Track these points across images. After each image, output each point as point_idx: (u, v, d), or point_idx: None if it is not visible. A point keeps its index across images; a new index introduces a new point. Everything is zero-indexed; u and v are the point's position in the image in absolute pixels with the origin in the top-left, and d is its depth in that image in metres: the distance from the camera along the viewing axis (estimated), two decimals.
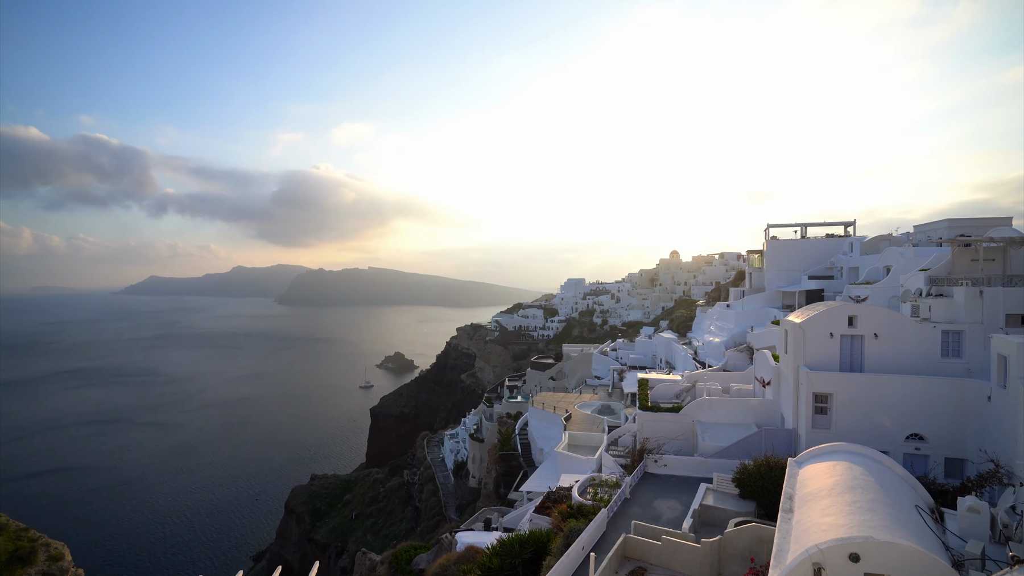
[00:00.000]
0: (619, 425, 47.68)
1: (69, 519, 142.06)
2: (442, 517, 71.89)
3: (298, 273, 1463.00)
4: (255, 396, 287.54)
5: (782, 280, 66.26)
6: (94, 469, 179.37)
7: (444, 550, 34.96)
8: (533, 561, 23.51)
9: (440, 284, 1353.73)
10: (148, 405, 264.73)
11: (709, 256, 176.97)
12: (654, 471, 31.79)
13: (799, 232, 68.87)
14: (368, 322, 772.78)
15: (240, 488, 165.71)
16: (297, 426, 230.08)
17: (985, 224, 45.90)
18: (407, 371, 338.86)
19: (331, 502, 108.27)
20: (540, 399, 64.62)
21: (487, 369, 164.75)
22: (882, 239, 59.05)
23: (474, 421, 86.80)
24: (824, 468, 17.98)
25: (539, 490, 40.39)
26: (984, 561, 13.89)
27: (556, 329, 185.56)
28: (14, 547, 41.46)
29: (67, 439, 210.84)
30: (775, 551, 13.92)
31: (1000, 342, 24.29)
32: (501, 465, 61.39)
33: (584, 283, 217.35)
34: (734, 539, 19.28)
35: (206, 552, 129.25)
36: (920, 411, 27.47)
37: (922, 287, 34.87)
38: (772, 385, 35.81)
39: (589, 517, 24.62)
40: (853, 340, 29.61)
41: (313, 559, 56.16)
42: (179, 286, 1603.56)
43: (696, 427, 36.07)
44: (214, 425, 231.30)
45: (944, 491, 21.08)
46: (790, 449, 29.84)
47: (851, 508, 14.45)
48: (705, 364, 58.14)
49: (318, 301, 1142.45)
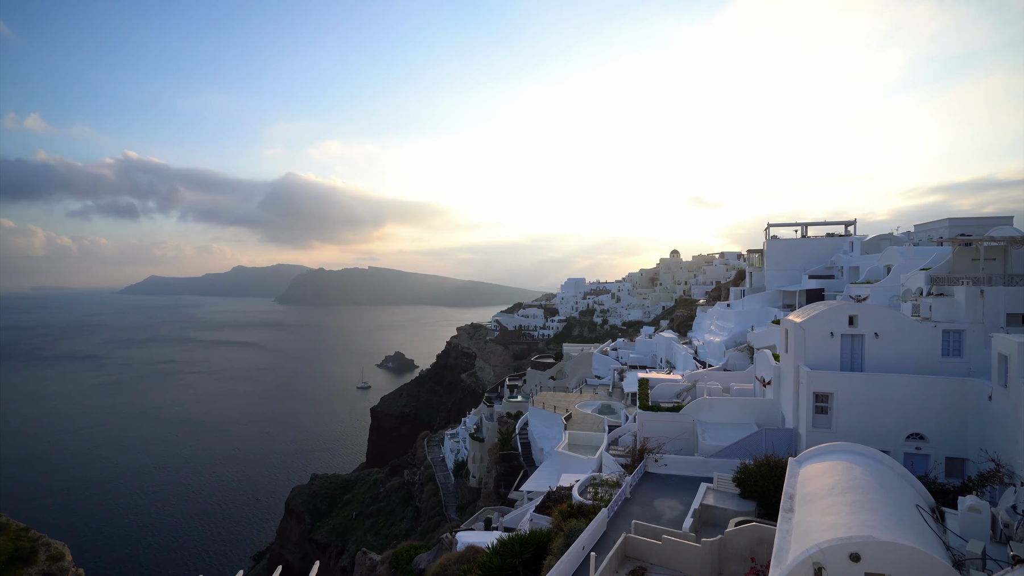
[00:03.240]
0: (619, 425, 47.69)
1: (69, 519, 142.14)
2: (442, 517, 71.89)
3: (298, 273, 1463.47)
4: (255, 396, 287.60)
5: (783, 279, 66.21)
6: (94, 469, 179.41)
7: (444, 550, 34.96)
8: (533, 561, 23.50)
9: (440, 284, 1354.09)
10: (148, 405, 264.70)
11: (709, 255, 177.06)
12: (654, 471, 31.75)
13: (799, 231, 68.85)
14: (368, 322, 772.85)
15: (240, 488, 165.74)
16: (297, 426, 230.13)
17: (986, 223, 45.84)
18: (407, 371, 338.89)
19: (331, 502, 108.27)
20: (540, 399, 64.64)
21: (487, 369, 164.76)
22: (883, 238, 59.05)
23: (474, 421, 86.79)
24: (824, 468, 17.95)
25: (539, 490, 40.41)
26: (985, 561, 13.87)
27: (556, 329, 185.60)
28: (14, 547, 41.47)
29: (67, 439, 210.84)
30: (776, 551, 13.89)
31: (1001, 341, 24.26)
32: (501, 465, 61.41)
33: (584, 283, 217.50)
34: (734, 539, 19.26)
35: (206, 552, 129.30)
36: (921, 411, 27.43)
37: (923, 286, 34.84)
38: (772, 385, 35.80)
39: (589, 517, 24.59)
40: (854, 339, 29.57)
41: (313, 559, 56.13)
42: (179, 286, 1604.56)
43: (696, 427, 36.04)
44: (214, 425, 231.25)
45: (945, 491, 21.03)
46: (790, 449, 29.81)
47: (852, 508, 14.43)
48: (705, 364, 58.15)
49: (318, 301, 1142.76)
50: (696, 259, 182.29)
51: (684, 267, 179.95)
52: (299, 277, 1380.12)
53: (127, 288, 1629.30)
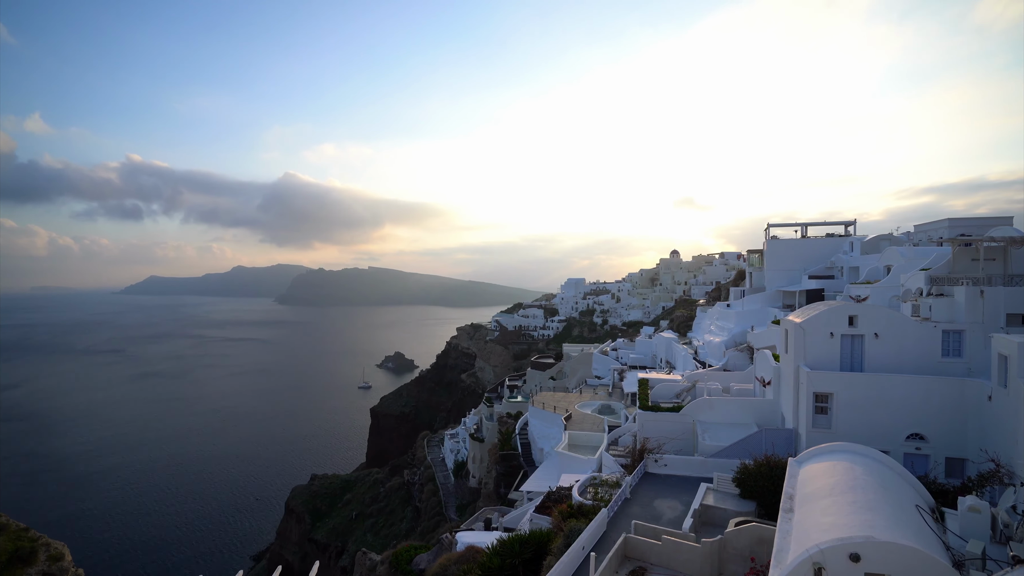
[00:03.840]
0: (619, 425, 47.72)
1: (69, 519, 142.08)
2: (442, 517, 71.87)
3: (298, 273, 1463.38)
4: (255, 396, 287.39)
5: (782, 280, 66.22)
6: (94, 469, 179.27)
7: (444, 550, 34.94)
8: (533, 561, 23.50)
9: (440, 284, 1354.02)
10: (148, 405, 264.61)
11: (709, 256, 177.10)
12: (654, 471, 31.75)
13: (799, 232, 68.87)
14: (368, 322, 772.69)
15: (240, 488, 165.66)
16: (297, 426, 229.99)
17: (986, 224, 45.88)
18: (407, 371, 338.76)
19: (331, 502, 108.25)
20: (540, 399, 64.65)
21: (487, 369, 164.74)
22: (883, 239, 59.06)
23: (474, 421, 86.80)
24: (824, 468, 17.96)
25: (539, 490, 40.40)
26: (985, 561, 13.87)
27: (556, 329, 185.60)
28: (14, 547, 41.44)
29: (67, 439, 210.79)
30: (775, 551, 13.90)
31: (1001, 341, 24.26)
32: (501, 465, 61.38)
33: (584, 283, 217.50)
34: (734, 539, 19.27)
35: (206, 552, 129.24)
36: (920, 411, 27.44)
37: (922, 287, 34.85)
38: (772, 385, 35.79)
39: (589, 517, 24.60)
40: (853, 340, 29.57)
41: (313, 559, 56.14)
42: (179, 286, 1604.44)
43: (696, 427, 36.05)
44: (214, 425, 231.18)
45: (945, 491, 21.02)
46: (790, 449, 29.82)
47: (851, 508, 14.43)
48: (705, 364, 58.15)
49: (318, 301, 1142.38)
50: (696, 259, 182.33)
51: (684, 267, 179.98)
52: (299, 277, 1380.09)
53: (127, 288, 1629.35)
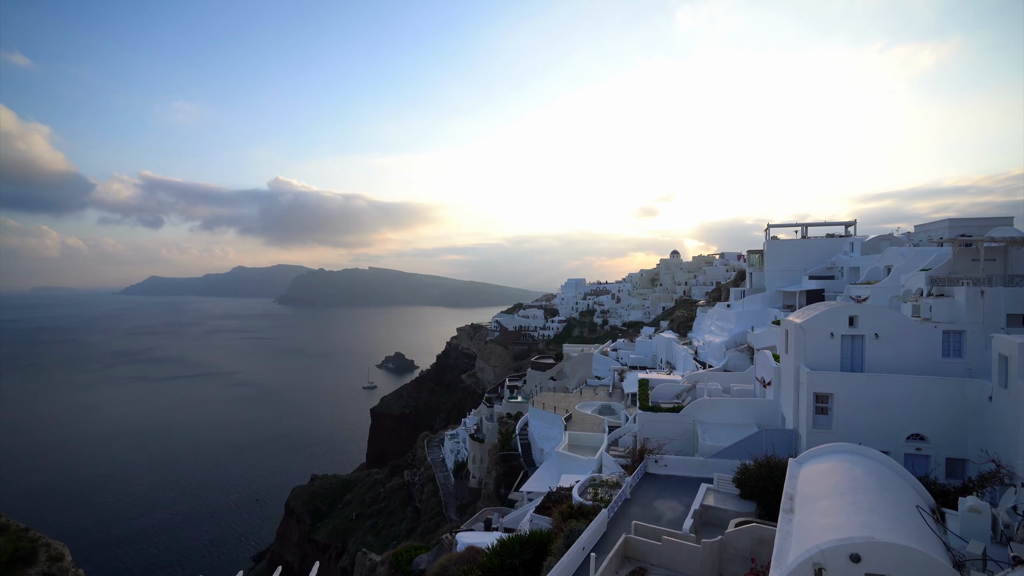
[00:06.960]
0: (619, 425, 47.70)
1: (69, 519, 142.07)
2: (442, 517, 71.84)
3: (298, 273, 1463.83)
4: (255, 396, 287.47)
5: (783, 280, 66.20)
6: (94, 469, 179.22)
7: (444, 550, 34.92)
8: (533, 561, 23.47)
9: (440, 284, 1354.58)
10: (148, 404, 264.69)
11: (710, 256, 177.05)
12: (654, 471, 31.73)
13: (800, 232, 68.87)
14: (368, 322, 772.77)
15: (240, 488, 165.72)
16: (297, 426, 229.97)
17: (986, 224, 45.83)
18: (407, 371, 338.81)
19: (331, 502, 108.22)
20: (540, 399, 64.64)
21: (487, 369, 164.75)
22: (883, 239, 59.03)
23: (474, 421, 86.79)
24: (825, 468, 17.96)
25: (539, 490, 40.36)
26: (985, 561, 13.86)
27: (556, 329, 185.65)
28: (15, 547, 41.46)
29: (67, 439, 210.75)
30: (776, 551, 13.89)
31: (1001, 342, 24.24)
32: (501, 465, 61.36)
33: (584, 283, 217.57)
34: (735, 539, 19.26)
35: (206, 552, 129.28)
36: (921, 411, 27.41)
37: (923, 287, 34.84)
38: (773, 385, 35.78)
39: (589, 517, 24.57)
40: (854, 340, 29.55)
41: (313, 560, 56.11)
42: (179, 286, 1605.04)
43: (697, 427, 36.03)
44: (214, 425, 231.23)
45: (945, 491, 21.00)
46: (791, 449, 29.79)
47: (852, 508, 14.43)
48: (705, 364, 58.13)
49: (318, 301, 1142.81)
50: (696, 260, 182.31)
51: (684, 268, 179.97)
52: (299, 278, 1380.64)
53: (127, 288, 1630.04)
